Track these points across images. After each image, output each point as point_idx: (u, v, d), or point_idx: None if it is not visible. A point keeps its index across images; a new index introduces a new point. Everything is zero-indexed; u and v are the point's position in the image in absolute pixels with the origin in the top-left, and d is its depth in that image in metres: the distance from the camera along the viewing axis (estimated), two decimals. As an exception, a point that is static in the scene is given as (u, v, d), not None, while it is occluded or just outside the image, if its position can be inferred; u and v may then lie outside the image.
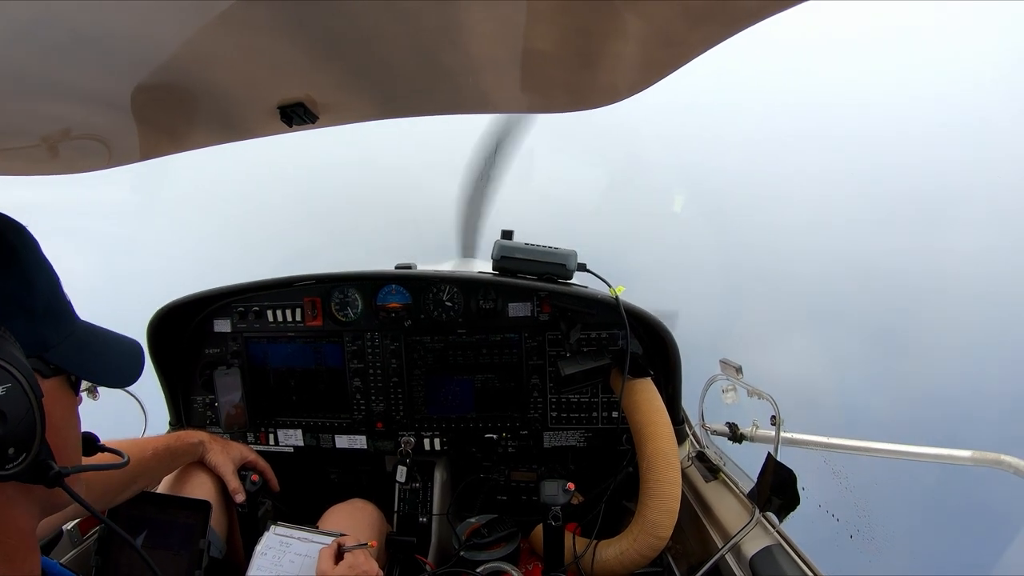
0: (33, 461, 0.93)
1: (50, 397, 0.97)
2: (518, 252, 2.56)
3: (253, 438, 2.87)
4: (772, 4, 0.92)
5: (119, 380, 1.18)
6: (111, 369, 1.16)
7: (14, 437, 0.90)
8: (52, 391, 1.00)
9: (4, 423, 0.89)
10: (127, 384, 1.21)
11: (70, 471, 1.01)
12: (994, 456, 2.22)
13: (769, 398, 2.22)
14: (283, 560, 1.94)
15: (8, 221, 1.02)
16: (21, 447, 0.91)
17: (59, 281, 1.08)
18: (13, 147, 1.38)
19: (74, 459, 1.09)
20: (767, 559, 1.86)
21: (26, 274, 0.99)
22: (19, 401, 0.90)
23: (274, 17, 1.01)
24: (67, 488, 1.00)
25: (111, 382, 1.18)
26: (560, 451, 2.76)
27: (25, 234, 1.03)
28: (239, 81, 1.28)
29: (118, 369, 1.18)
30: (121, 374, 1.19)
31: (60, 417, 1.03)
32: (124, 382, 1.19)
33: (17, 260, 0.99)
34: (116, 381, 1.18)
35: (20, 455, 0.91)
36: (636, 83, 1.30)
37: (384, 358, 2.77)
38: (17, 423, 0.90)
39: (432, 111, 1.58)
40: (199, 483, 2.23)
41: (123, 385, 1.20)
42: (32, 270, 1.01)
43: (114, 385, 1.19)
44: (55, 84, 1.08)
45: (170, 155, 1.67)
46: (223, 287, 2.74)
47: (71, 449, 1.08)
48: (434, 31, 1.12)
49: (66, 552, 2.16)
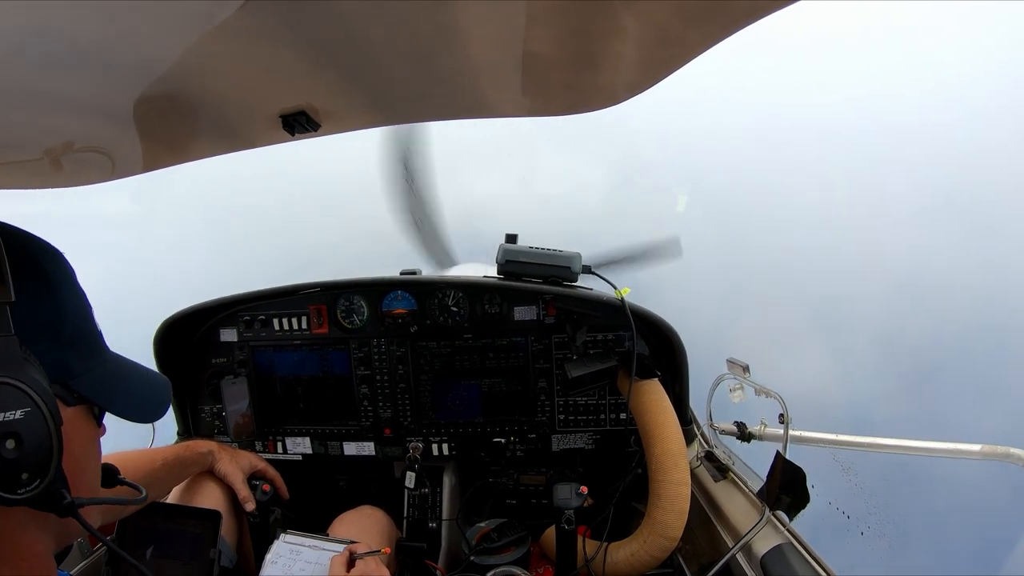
0: (47, 489, 0.91)
1: (70, 425, 0.96)
2: (522, 255, 2.56)
3: (261, 446, 2.87)
4: (768, 4, 0.92)
5: (141, 415, 1.16)
6: (135, 403, 1.14)
7: (29, 462, 0.89)
8: (73, 420, 0.99)
9: (20, 447, 0.87)
10: (149, 420, 1.19)
11: (84, 502, 0.99)
12: (1004, 449, 2.21)
13: (777, 396, 2.22)
14: (294, 568, 1.94)
15: (44, 245, 1.02)
16: (36, 473, 0.90)
17: (91, 310, 1.07)
18: (16, 160, 1.38)
19: (91, 490, 1.07)
20: (778, 558, 1.85)
21: (56, 299, 0.99)
22: (37, 426, 0.89)
23: (273, 25, 1.01)
24: (80, 519, 0.98)
25: (133, 416, 1.15)
26: (568, 454, 2.76)
27: (60, 259, 1.03)
28: (240, 90, 1.29)
29: (142, 404, 1.17)
30: (144, 410, 1.17)
31: (79, 447, 1.02)
32: (146, 418, 1.17)
33: (48, 284, 0.98)
34: (138, 416, 1.16)
35: (34, 481, 0.89)
36: (635, 84, 1.30)
37: (391, 364, 2.77)
38: (33, 448, 0.89)
39: (432, 117, 1.58)
40: (209, 492, 2.24)
41: (145, 421, 1.19)
42: (63, 296, 1.00)
43: (136, 419, 1.16)
44: (57, 97, 1.08)
45: (173, 165, 1.68)
46: (228, 296, 2.74)
47: (88, 479, 1.07)
48: (432, 36, 1.12)
49: (76, 564, 2.16)
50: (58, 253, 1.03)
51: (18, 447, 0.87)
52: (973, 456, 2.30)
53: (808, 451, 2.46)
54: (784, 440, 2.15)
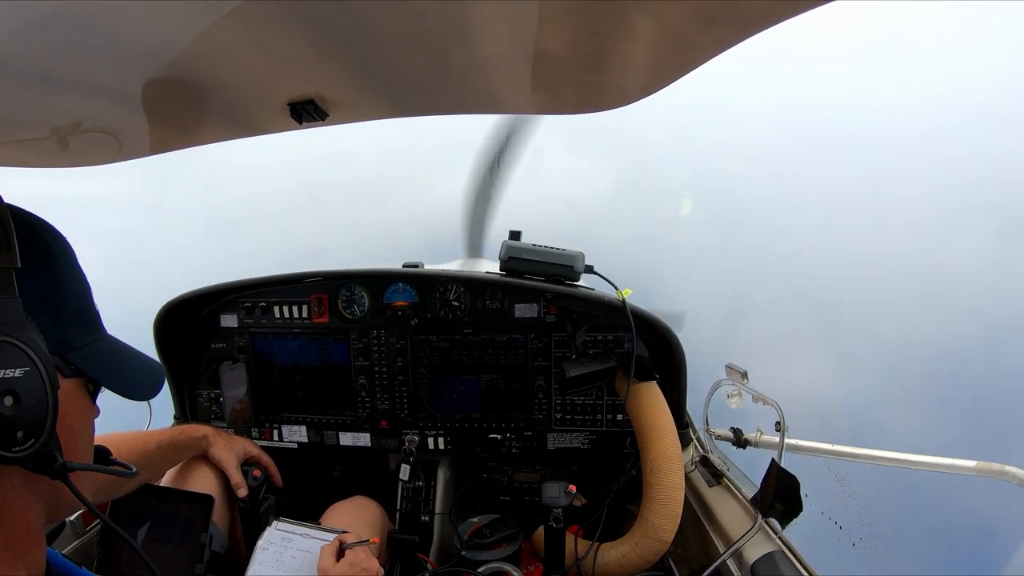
0: (40, 449, 0.92)
1: (66, 396, 0.97)
2: (525, 253, 2.56)
3: (257, 433, 2.88)
4: (785, 7, 0.92)
5: (135, 393, 1.18)
6: (129, 382, 1.16)
7: (25, 421, 0.90)
8: (69, 391, 1.00)
9: (17, 405, 0.88)
10: (142, 399, 1.21)
11: (76, 466, 1.00)
12: (999, 467, 2.21)
13: (774, 404, 2.22)
14: (284, 556, 1.94)
15: (47, 225, 1.03)
16: (30, 432, 0.91)
17: (90, 291, 1.08)
18: (23, 138, 1.38)
19: (83, 461, 1.09)
20: (769, 565, 1.85)
21: (58, 276, 1.00)
22: (35, 386, 0.90)
23: (284, 13, 1.01)
24: (70, 484, 1.00)
25: (127, 393, 1.17)
26: (564, 453, 2.76)
27: (62, 239, 1.04)
28: (249, 76, 1.28)
29: (137, 383, 1.18)
30: (137, 389, 1.18)
31: (74, 419, 1.03)
32: (139, 396, 1.19)
33: (51, 260, 1.00)
34: (131, 393, 1.18)
35: (28, 440, 0.90)
36: (646, 86, 1.30)
37: (390, 356, 2.77)
38: (30, 408, 0.90)
39: (441, 110, 1.58)
40: (202, 477, 2.24)
41: (137, 399, 1.21)
42: (65, 273, 1.02)
43: (129, 396, 1.18)
44: (66, 77, 1.09)
45: (180, 149, 1.68)
46: (230, 282, 2.74)
47: (81, 452, 1.07)
48: (444, 30, 1.12)
49: (68, 543, 2.17)
50: (60, 235, 1.04)
51: (15, 404, 0.88)
52: (968, 472, 2.30)
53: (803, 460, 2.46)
54: (780, 448, 2.15)
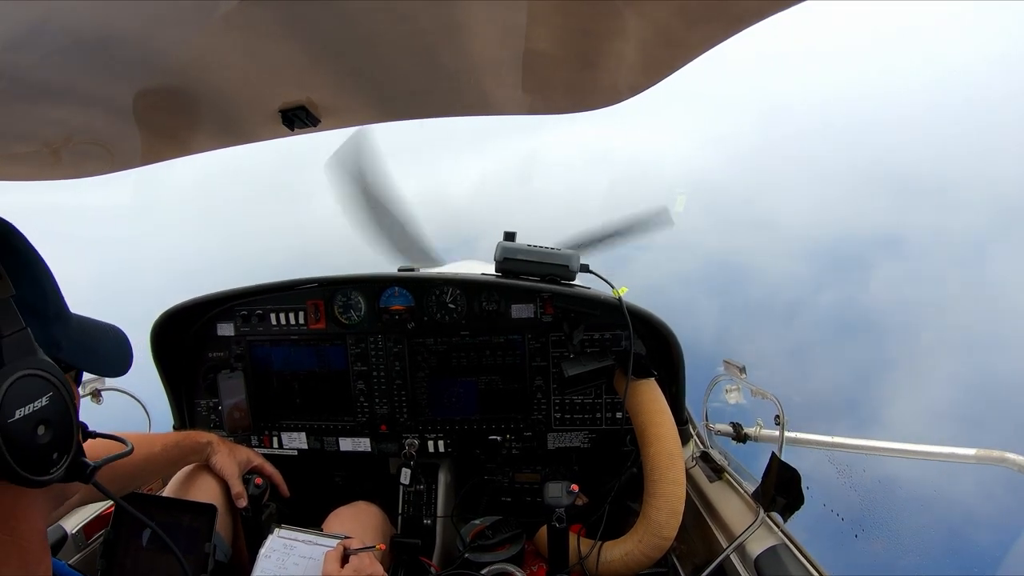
0: (72, 461, 0.96)
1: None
2: (520, 253, 2.56)
3: (257, 441, 2.87)
4: (771, 4, 0.92)
5: (114, 370, 1.22)
6: (105, 360, 1.19)
7: (59, 442, 0.93)
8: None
9: (49, 431, 0.91)
10: (119, 374, 1.24)
11: (99, 464, 1.03)
12: (999, 454, 2.21)
13: (773, 398, 2.22)
14: (287, 563, 1.93)
15: (9, 227, 1.02)
16: (63, 450, 0.94)
17: (53, 276, 1.09)
18: (16, 152, 1.38)
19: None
20: (772, 559, 1.86)
21: (35, 279, 1.01)
22: (60, 407, 0.93)
23: (274, 19, 1.01)
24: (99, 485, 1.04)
25: (109, 372, 1.22)
26: (564, 452, 2.76)
27: (21, 235, 1.04)
28: (240, 84, 1.28)
29: (112, 359, 1.21)
30: (115, 364, 1.22)
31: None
32: (118, 371, 1.23)
33: (28, 266, 1.01)
34: (112, 371, 1.22)
35: (62, 458, 0.94)
36: (637, 84, 1.30)
37: (387, 360, 2.76)
38: (60, 428, 0.93)
39: (433, 113, 1.58)
40: (204, 486, 2.23)
41: (118, 374, 1.23)
42: (39, 275, 1.03)
43: (108, 375, 1.23)
44: (57, 88, 1.08)
45: (171, 159, 1.67)
46: (226, 291, 2.74)
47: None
48: (434, 33, 1.12)
49: (71, 555, 2.17)
50: (17, 228, 1.04)
51: (48, 431, 0.91)
52: (968, 460, 2.30)
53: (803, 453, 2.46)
54: (780, 441, 2.15)
